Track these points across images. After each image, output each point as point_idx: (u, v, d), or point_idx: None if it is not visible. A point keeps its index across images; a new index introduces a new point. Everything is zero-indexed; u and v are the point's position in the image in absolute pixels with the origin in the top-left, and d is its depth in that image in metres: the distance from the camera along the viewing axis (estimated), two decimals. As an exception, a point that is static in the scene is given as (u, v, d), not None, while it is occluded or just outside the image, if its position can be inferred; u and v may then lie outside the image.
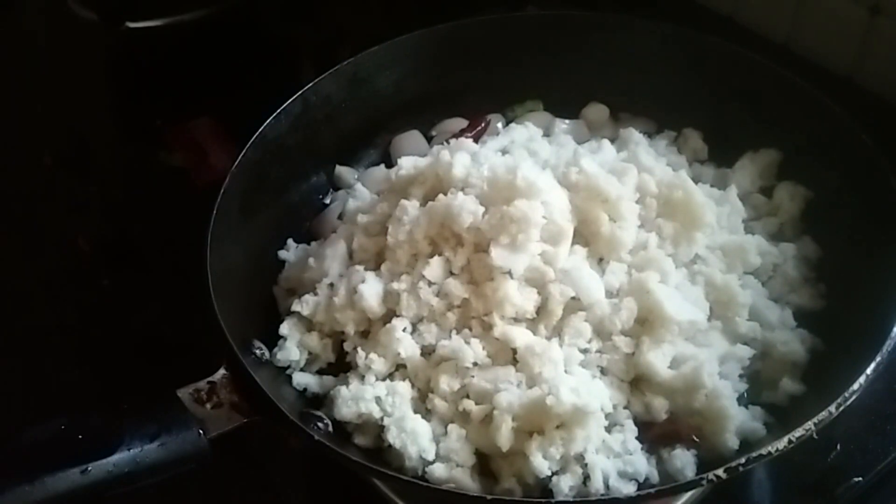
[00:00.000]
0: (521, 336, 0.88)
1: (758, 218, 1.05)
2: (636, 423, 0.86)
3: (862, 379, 0.78)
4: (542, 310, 0.90)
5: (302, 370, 0.96)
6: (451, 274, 0.93)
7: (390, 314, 0.93)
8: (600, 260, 0.95)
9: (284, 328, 0.96)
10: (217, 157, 1.23)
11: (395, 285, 0.93)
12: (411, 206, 0.96)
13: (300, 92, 1.13)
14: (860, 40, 1.19)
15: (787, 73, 1.07)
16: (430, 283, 0.92)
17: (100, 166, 1.33)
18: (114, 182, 1.30)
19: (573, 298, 0.90)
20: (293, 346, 0.95)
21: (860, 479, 0.88)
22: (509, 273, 0.89)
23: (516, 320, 0.90)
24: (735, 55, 1.10)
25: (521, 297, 0.89)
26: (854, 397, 0.77)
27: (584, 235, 0.94)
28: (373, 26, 1.44)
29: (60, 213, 1.26)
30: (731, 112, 1.11)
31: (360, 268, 0.97)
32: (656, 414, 0.87)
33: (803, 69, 1.14)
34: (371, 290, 0.93)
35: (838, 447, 0.89)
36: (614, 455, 0.83)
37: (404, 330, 0.91)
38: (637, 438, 0.85)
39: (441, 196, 0.95)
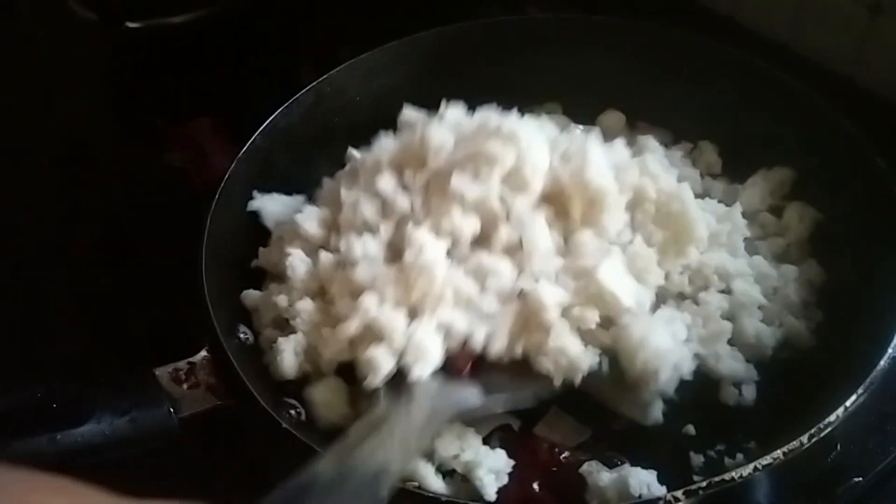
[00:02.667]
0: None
1: (764, 237, 1.04)
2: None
3: (840, 411, 0.78)
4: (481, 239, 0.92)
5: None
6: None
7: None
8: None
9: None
10: (217, 157, 1.23)
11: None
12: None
13: (314, 83, 1.13)
14: (861, 40, 1.19)
15: (807, 91, 1.06)
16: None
17: (99, 166, 1.33)
18: (114, 182, 1.30)
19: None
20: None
21: (860, 479, 0.88)
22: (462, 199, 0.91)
23: None
24: (756, 69, 1.10)
25: (464, 222, 0.91)
26: (829, 429, 0.78)
27: (556, 208, 0.95)
28: (373, 27, 1.44)
29: (60, 213, 1.25)
30: (748, 127, 1.11)
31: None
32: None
33: (804, 69, 1.14)
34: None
35: (838, 447, 0.89)
36: None
37: None
38: None
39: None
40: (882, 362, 0.82)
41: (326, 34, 1.46)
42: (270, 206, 1.07)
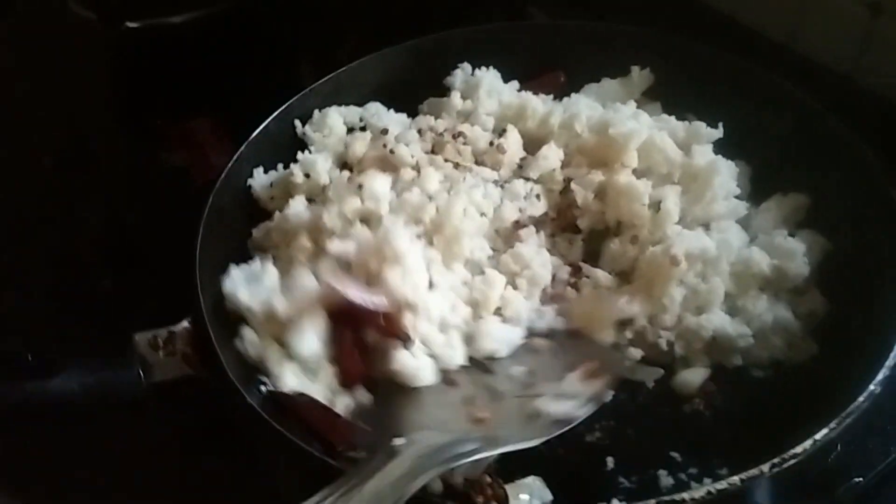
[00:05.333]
0: None
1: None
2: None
3: (808, 444, 0.79)
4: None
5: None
6: None
7: None
8: None
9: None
10: (217, 156, 1.22)
11: None
12: None
13: (335, 73, 1.15)
14: (861, 40, 1.19)
15: (831, 117, 1.05)
16: None
17: (100, 166, 1.33)
18: (114, 182, 1.30)
19: None
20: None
21: (860, 479, 0.88)
22: None
23: None
24: (782, 90, 1.10)
25: None
26: (794, 461, 0.79)
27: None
28: (372, 31, 1.44)
29: (60, 213, 1.26)
30: (770, 148, 1.09)
31: None
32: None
33: (804, 69, 1.14)
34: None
35: (839, 447, 0.88)
36: None
37: None
38: None
39: None
40: (861, 398, 0.82)
41: (326, 35, 1.45)
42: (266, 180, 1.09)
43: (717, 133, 1.07)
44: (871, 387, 0.83)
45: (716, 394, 0.95)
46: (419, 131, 1.11)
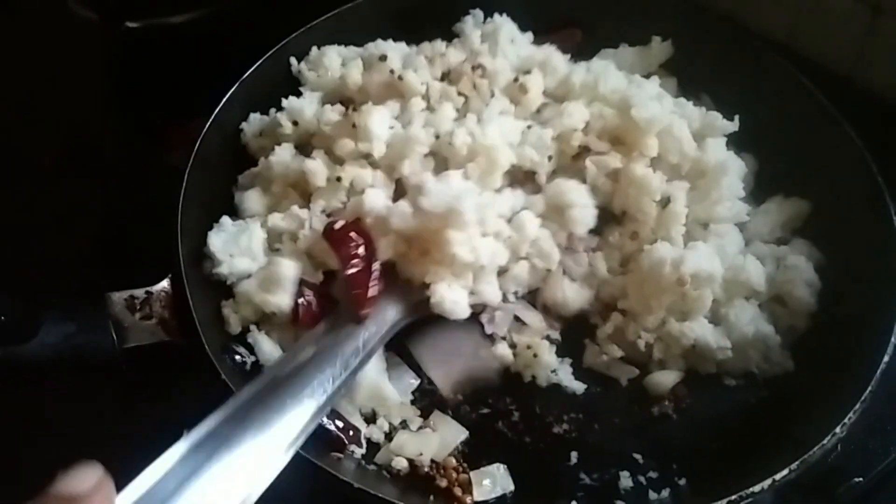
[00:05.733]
0: None
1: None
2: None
3: (766, 483, 0.79)
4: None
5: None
6: None
7: None
8: None
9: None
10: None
11: None
12: None
13: (336, 10, 1.14)
14: (861, 39, 1.19)
15: (845, 124, 1.04)
16: None
17: (99, 166, 1.32)
18: (113, 182, 1.29)
19: None
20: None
21: (860, 479, 0.88)
22: None
23: None
24: (802, 87, 1.09)
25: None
26: (748, 501, 0.79)
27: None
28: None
29: (60, 213, 1.25)
30: (782, 144, 1.09)
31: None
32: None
33: (804, 69, 1.14)
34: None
35: (838, 447, 0.88)
36: None
37: None
38: None
39: None
40: (826, 440, 0.82)
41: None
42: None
43: (733, 126, 1.06)
44: (838, 429, 0.82)
45: (686, 398, 0.95)
46: (427, 59, 1.05)
